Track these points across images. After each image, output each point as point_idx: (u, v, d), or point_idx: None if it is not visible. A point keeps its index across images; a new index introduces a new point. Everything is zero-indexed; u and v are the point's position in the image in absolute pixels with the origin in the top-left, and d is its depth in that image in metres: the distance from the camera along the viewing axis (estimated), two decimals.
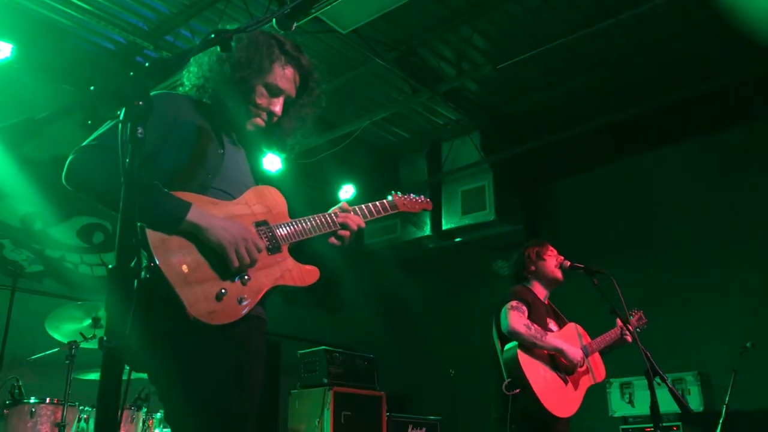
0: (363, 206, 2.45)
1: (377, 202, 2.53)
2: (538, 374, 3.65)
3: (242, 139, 2.28)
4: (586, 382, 3.90)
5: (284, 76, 2.25)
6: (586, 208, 8.23)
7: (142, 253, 1.83)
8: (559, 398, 3.66)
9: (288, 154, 2.52)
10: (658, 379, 3.34)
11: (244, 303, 1.95)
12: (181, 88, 2.25)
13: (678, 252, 7.36)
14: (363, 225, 2.37)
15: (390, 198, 2.63)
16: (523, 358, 3.64)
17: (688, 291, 7.14)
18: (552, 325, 3.95)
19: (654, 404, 3.22)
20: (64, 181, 1.93)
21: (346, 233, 2.31)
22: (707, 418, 5.98)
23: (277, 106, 2.25)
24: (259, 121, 2.24)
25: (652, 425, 3.29)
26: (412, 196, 2.75)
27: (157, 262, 1.82)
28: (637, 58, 6.59)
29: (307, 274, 2.18)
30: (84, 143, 1.96)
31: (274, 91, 2.24)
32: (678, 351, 6.59)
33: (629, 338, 3.99)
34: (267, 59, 2.21)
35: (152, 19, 6.00)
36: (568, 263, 4.01)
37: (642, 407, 6.35)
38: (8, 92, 5.85)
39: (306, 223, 2.22)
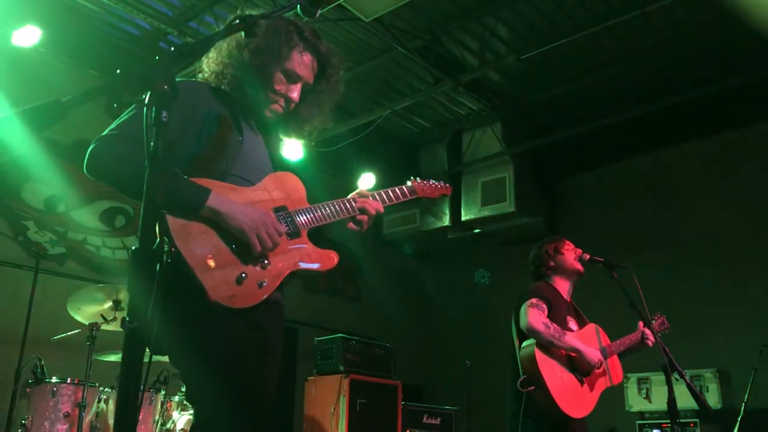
0: (382, 192, 2.46)
1: (396, 188, 2.53)
2: (554, 373, 3.62)
3: (261, 125, 2.29)
4: (602, 384, 3.87)
5: (302, 62, 2.25)
6: (607, 203, 8.17)
7: (163, 238, 1.85)
8: (574, 398, 3.64)
9: (306, 141, 2.50)
10: (676, 375, 3.32)
11: (264, 287, 1.97)
12: (200, 75, 2.26)
13: (699, 248, 7.29)
14: (381, 210, 2.38)
15: (409, 183, 2.64)
16: (540, 357, 3.62)
17: (709, 287, 7.08)
18: (572, 323, 3.92)
19: (671, 400, 3.20)
20: (85, 171, 1.94)
21: (364, 218, 2.32)
22: (725, 415, 5.93)
23: (295, 93, 2.25)
24: (277, 107, 2.24)
25: (668, 421, 3.27)
26: (431, 181, 2.75)
27: (178, 248, 1.83)
28: (662, 52, 6.51)
29: (326, 259, 2.18)
30: (104, 133, 1.97)
31: (292, 78, 2.24)
32: (697, 347, 6.54)
33: (650, 343, 3.94)
34: (285, 46, 2.21)
35: (176, 5, 6.03)
36: (588, 256, 3.97)
37: (659, 403, 6.32)
38: (35, 76, 5.92)
39: (325, 209, 2.23)
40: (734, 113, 7.05)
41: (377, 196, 2.41)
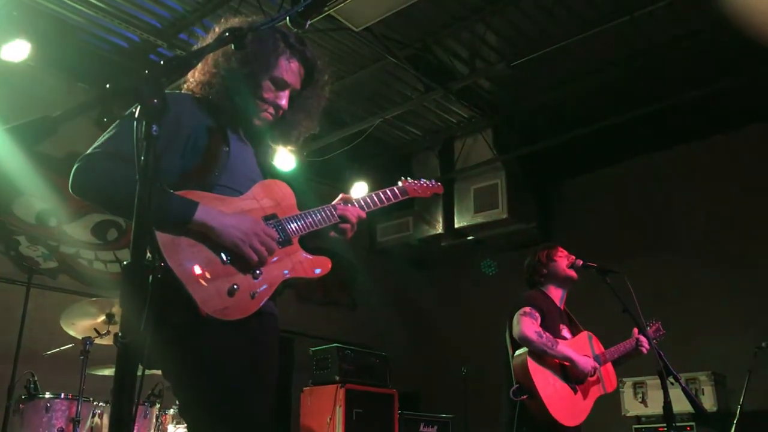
0: (372, 194, 2.44)
1: (387, 189, 2.52)
2: (546, 382, 3.62)
3: (249, 134, 2.28)
4: (595, 392, 3.87)
5: (290, 69, 2.24)
6: (600, 207, 8.19)
7: (152, 253, 1.84)
8: (567, 407, 3.64)
9: (295, 149, 2.49)
10: (671, 379, 3.32)
11: (257, 297, 1.96)
12: (185, 85, 2.25)
13: (693, 251, 7.31)
14: (363, 216, 2.35)
15: (400, 184, 2.63)
16: (533, 366, 3.62)
17: (703, 290, 7.10)
18: (565, 331, 3.92)
19: (667, 404, 3.20)
20: (70, 190, 1.93)
21: (346, 226, 2.30)
22: (721, 418, 5.93)
23: (284, 100, 2.24)
24: (266, 116, 2.23)
25: (665, 425, 3.27)
26: (422, 180, 2.75)
27: (167, 262, 1.82)
28: (652, 56, 6.54)
29: (319, 265, 2.17)
30: (88, 151, 1.96)
31: (280, 85, 2.23)
32: (692, 350, 6.54)
33: (645, 350, 3.94)
34: (273, 53, 2.20)
35: (166, 17, 6.03)
36: (581, 262, 3.98)
37: (655, 407, 6.32)
38: (25, 91, 5.90)
39: (315, 215, 2.23)
40: (724, 116, 7.10)
41: (363, 201, 2.40)
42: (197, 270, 1.87)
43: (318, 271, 2.16)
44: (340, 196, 2.39)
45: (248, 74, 2.17)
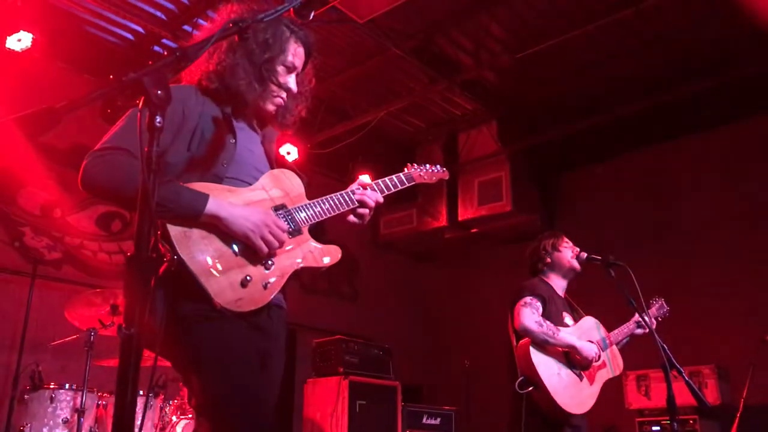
0: (381, 181, 2.44)
1: (394, 176, 2.51)
2: (550, 372, 3.61)
3: (258, 122, 2.28)
4: (603, 376, 3.87)
5: (297, 54, 2.26)
6: (604, 199, 8.18)
7: (164, 246, 1.84)
8: (573, 395, 3.64)
9: (290, 132, 2.46)
10: (675, 372, 3.32)
11: (269, 287, 1.96)
12: (188, 77, 2.23)
13: (697, 243, 7.29)
14: (381, 201, 2.35)
15: (406, 171, 2.62)
16: (536, 356, 3.62)
17: (707, 283, 7.08)
18: (568, 318, 3.92)
19: (670, 397, 3.20)
20: (81, 186, 1.93)
21: (364, 211, 2.30)
22: (724, 411, 5.93)
23: (293, 84, 2.26)
24: (279, 101, 2.24)
25: (668, 418, 3.27)
26: (427, 166, 2.72)
27: (180, 255, 1.82)
28: (656, 48, 6.51)
29: (329, 254, 2.18)
30: (97, 146, 1.95)
31: (290, 69, 2.24)
32: (695, 344, 6.53)
33: (648, 327, 3.93)
34: (283, 38, 2.21)
35: (170, 9, 6.02)
36: (585, 255, 3.98)
37: (658, 400, 6.31)
38: (29, 81, 5.90)
39: (324, 204, 2.23)
40: (729, 108, 7.06)
41: (377, 186, 2.40)
42: (210, 262, 1.88)
43: (329, 260, 2.17)
44: (358, 180, 2.38)
45: (267, 59, 2.17)
